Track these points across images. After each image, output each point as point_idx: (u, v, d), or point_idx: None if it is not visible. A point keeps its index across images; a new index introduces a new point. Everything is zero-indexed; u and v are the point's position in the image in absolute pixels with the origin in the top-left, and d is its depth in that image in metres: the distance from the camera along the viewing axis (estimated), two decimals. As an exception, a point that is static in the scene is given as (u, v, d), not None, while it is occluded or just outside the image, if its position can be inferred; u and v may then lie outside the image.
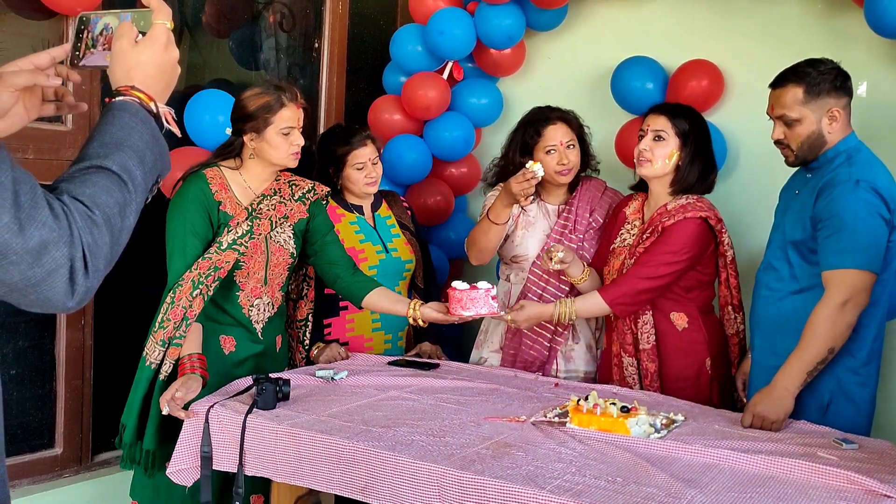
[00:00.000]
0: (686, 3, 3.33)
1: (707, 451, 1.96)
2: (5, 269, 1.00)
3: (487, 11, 3.35)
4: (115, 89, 1.21)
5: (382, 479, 1.90)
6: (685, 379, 2.63)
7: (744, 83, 3.20)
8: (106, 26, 1.28)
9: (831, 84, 2.32)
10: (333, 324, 2.92)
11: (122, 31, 1.24)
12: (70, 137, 2.68)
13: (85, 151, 1.13)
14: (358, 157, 2.90)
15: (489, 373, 2.75)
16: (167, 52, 1.24)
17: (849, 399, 2.32)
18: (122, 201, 1.11)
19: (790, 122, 2.35)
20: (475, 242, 2.91)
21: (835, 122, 2.33)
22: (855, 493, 1.75)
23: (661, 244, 2.60)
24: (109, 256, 1.09)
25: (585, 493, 1.70)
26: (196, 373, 2.30)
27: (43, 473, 2.74)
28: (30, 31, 2.62)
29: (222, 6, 3.21)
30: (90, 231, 1.05)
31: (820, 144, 2.36)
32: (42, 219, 1.01)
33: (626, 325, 2.68)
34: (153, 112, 1.21)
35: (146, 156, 1.16)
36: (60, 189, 1.08)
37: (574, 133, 2.88)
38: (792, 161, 2.43)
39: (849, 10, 2.96)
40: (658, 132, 2.64)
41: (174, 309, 2.34)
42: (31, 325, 2.64)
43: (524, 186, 2.64)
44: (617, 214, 2.85)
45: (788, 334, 2.32)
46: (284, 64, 3.48)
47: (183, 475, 2.21)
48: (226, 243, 2.44)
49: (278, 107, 2.44)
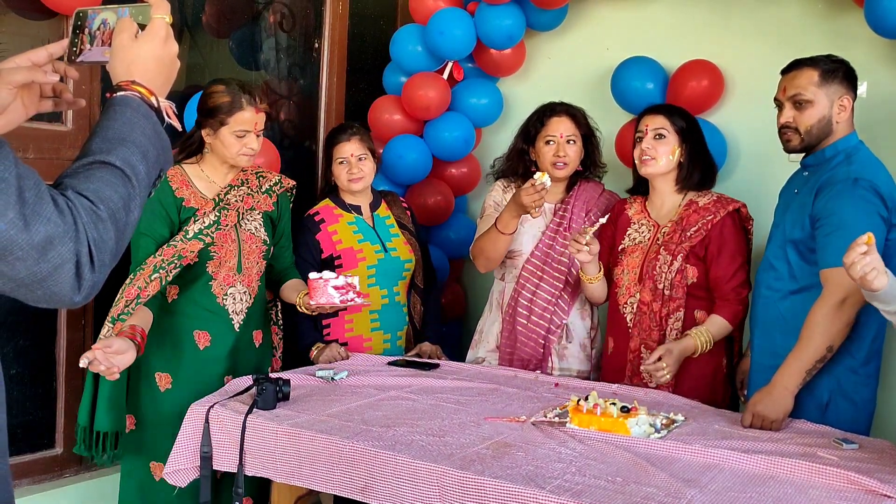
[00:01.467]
0: (686, 4, 3.33)
1: (707, 451, 1.96)
2: (11, 264, 1.00)
3: (487, 11, 3.35)
4: (115, 84, 1.21)
5: (382, 478, 1.90)
6: (702, 377, 2.62)
7: (744, 83, 3.20)
8: (104, 22, 1.28)
9: (844, 75, 2.34)
10: (332, 324, 2.92)
11: (122, 27, 1.24)
12: (70, 137, 2.68)
13: (88, 147, 1.14)
14: (340, 151, 2.91)
15: (489, 373, 2.75)
16: (167, 46, 1.24)
17: (848, 399, 2.32)
18: (126, 196, 1.11)
19: (803, 102, 2.34)
20: (482, 251, 2.89)
21: (843, 112, 2.34)
22: (855, 493, 1.76)
23: (727, 244, 2.62)
24: (115, 251, 1.10)
25: (585, 493, 1.70)
26: (128, 338, 2.22)
27: (43, 473, 2.73)
28: (30, 30, 2.61)
29: (222, 6, 3.21)
30: (95, 226, 1.06)
31: (827, 132, 2.36)
32: (47, 214, 1.01)
33: (654, 322, 2.66)
34: (154, 106, 1.21)
35: (149, 150, 1.16)
36: (65, 185, 1.09)
37: (579, 130, 2.89)
38: (795, 146, 2.40)
39: (849, 10, 2.96)
40: (658, 130, 2.66)
41: (129, 288, 2.34)
42: (32, 325, 2.63)
43: (535, 199, 2.63)
44: (617, 219, 2.84)
45: (787, 334, 2.32)
46: (284, 64, 3.48)
47: (179, 476, 2.21)
48: (192, 232, 2.46)
49: (237, 108, 2.45)
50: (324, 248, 2.92)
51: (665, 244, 2.68)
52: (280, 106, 3.51)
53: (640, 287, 2.70)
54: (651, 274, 2.68)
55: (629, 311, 2.72)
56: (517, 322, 2.91)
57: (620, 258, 2.77)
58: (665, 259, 2.66)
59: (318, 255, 2.91)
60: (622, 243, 2.79)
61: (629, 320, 2.72)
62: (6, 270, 1.01)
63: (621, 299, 2.75)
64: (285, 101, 3.53)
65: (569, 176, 2.93)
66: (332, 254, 2.91)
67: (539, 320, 2.88)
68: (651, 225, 2.75)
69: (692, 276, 2.64)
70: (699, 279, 2.64)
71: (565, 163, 2.85)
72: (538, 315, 2.88)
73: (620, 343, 2.75)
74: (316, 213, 2.96)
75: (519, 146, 2.96)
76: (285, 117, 3.54)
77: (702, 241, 2.64)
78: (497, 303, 3.01)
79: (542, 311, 2.88)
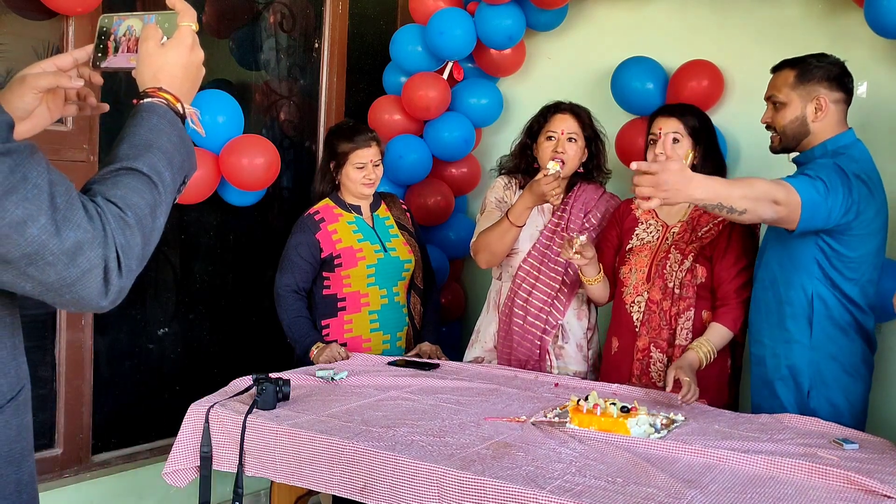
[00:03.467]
0: (686, 4, 3.33)
1: (707, 451, 1.96)
2: (42, 269, 1.02)
3: (487, 11, 3.35)
4: (142, 91, 1.22)
5: (382, 479, 1.89)
6: (708, 378, 2.59)
7: (744, 83, 3.19)
8: (129, 28, 1.29)
9: (825, 74, 2.35)
10: (331, 325, 2.92)
11: (148, 34, 1.25)
12: (71, 137, 2.68)
13: (115, 153, 1.15)
14: (360, 156, 2.91)
15: (489, 373, 2.74)
16: (193, 53, 1.25)
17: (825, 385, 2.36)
18: (153, 202, 1.13)
19: (777, 104, 2.39)
20: (487, 246, 2.87)
21: (820, 111, 2.34)
22: (855, 493, 1.75)
23: (734, 245, 2.61)
24: (141, 256, 1.12)
25: (585, 493, 1.70)
26: None
27: (43, 473, 2.73)
28: (30, 31, 2.61)
29: (222, 6, 3.21)
30: (123, 232, 1.08)
31: (803, 133, 2.37)
32: (77, 220, 1.03)
33: (664, 321, 2.65)
34: (180, 113, 1.22)
35: (174, 157, 1.18)
36: (93, 191, 1.10)
37: (581, 130, 2.88)
38: (775, 146, 2.45)
39: (849, 10, 2.96)
40: (672, 134, 2.65)
41: None
42: (32, 325, 2.63)
43: (553, 186, 2.66)
44: (623, 220, 2.82)
45: (762, 317, 2.42)
46: (284, 64, 3.48)
47: (178, 476, 2.20)
48: None
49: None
50: (323, 248, 2.92)
51: (675, 244, 2.68)
52: (280, 106, 3.51)
53: (648, 286, 2.69)
54: (661, 273, 2.67)
55: (636, 311, 2.71)
56: (513, 322, 2.91)
57: (627, 257, 2.75)
58: (676, 258, 2.65)
59: (318, 254, 2.91)
60: (630, 243, 2.77)
61: (636, 319, 2.71)
62: (36, 275, 1.03)
63: (628, 298, 2.73)
64: (285, 101, 3.53)
65: (568, 176, 2.92)
66: (332, 253, 2.91)
67: (535, 320, 2.87)
68: (660, 225, 2.75)
69: (701, 276, 2.63)
70: (707, 279, 2.64)
71: (563, 160, 2.83)
72: (534, 315, 2.88)
73: (626, 342, 2.74)
74: (316, 213, 2.96)
75: (522, 141, 2.97)
76: (285, 117, 3.54)
77: (712, 241, 2.64)
78: (494, 302, 3.01)
79: (538, 311, 2.87)
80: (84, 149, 2.71)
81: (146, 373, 3.08)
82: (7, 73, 2.59)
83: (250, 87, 3.39)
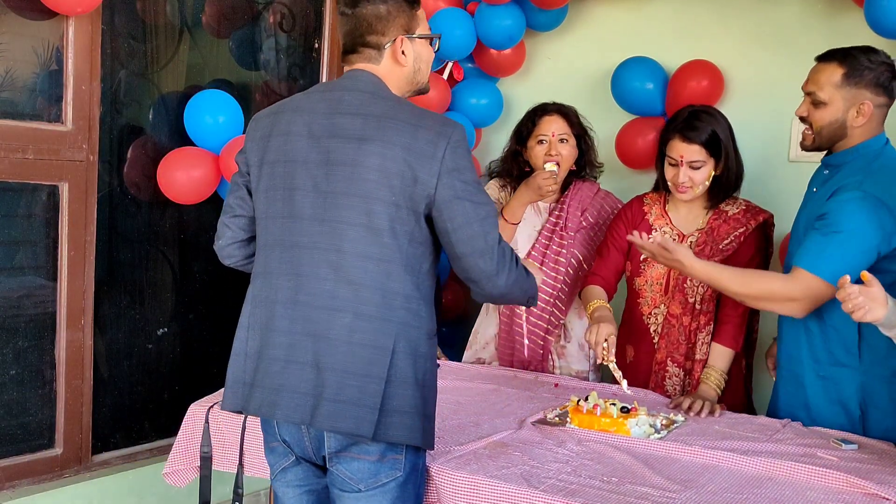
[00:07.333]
0: (686, 4, 3.33)
1: (707, 452, 1.96)
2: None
3: (487, 11, 3.35)
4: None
5: (380, 479, 1.89)
6: (727, 381, 2.56)
7: (744, 83, 3.19)
8: None
9: (874, 78, 2.18)
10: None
11: None
12: (70, 137, 2.68)
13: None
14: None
15: (489, 373, 2.75)
16: None
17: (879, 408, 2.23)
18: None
19: (817, 102, 2.24)
20: None
21: (862, 117, 2.20)
22: (853, 495, 1.75)
23: (753, 260, 2.55)
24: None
25: (579, 492, 1.70)
26: None
27: (43, 473, 2.73)
28: (30, 31, 2.61)
29: (222, 6, 3.21)
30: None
31: (840, 135, 2.24)
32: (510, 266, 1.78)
33: (683, 335, 2.60)
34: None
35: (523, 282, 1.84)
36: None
37: (571, 129, 2.86)
38: (808, 145, 2.32)
39: (849, 10, 2.96)
40: (693, 163, 2.53)
41: None
42: (31, 326, 2.64)
43: (549, 182, 2.70)
44: (636, 222, 2.72)
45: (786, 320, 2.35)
46: (284, 64, 3.48)
47: (178, 476, 2.21)
48: None
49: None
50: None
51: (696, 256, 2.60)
52: (280, 106, 3.50)
53: (666, 299, 2.63)
54: (681, 287, 2.59)
55: (654, 322, 2.66)
56: (514, 323, 2.91)
57: (643, 268, 2.67)
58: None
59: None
60: (643, 253, 2.71)
61: (654, 332, 2.66)
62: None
63: (645, 309, 2.68)
64: (285, 102, 3.53)
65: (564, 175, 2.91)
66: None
67: (537, 320, 2.87)
68: (675, 234, 2.66)
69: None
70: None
71: (558, 161, 2.82)
72: (536, 315, 2.88)
73: (643, 354, 2.69)
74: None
75: (512, 148, 2.95)
76: (285, 117, 3.53)
77: (733, 254, 2.55)
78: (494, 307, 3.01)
79: (540, 311, 2.87)
80: (84, 149, 2.71)
81: (146, 373, 3.08)
82: (7, 73, 2.59)
83: (250, 87, 3.38)
